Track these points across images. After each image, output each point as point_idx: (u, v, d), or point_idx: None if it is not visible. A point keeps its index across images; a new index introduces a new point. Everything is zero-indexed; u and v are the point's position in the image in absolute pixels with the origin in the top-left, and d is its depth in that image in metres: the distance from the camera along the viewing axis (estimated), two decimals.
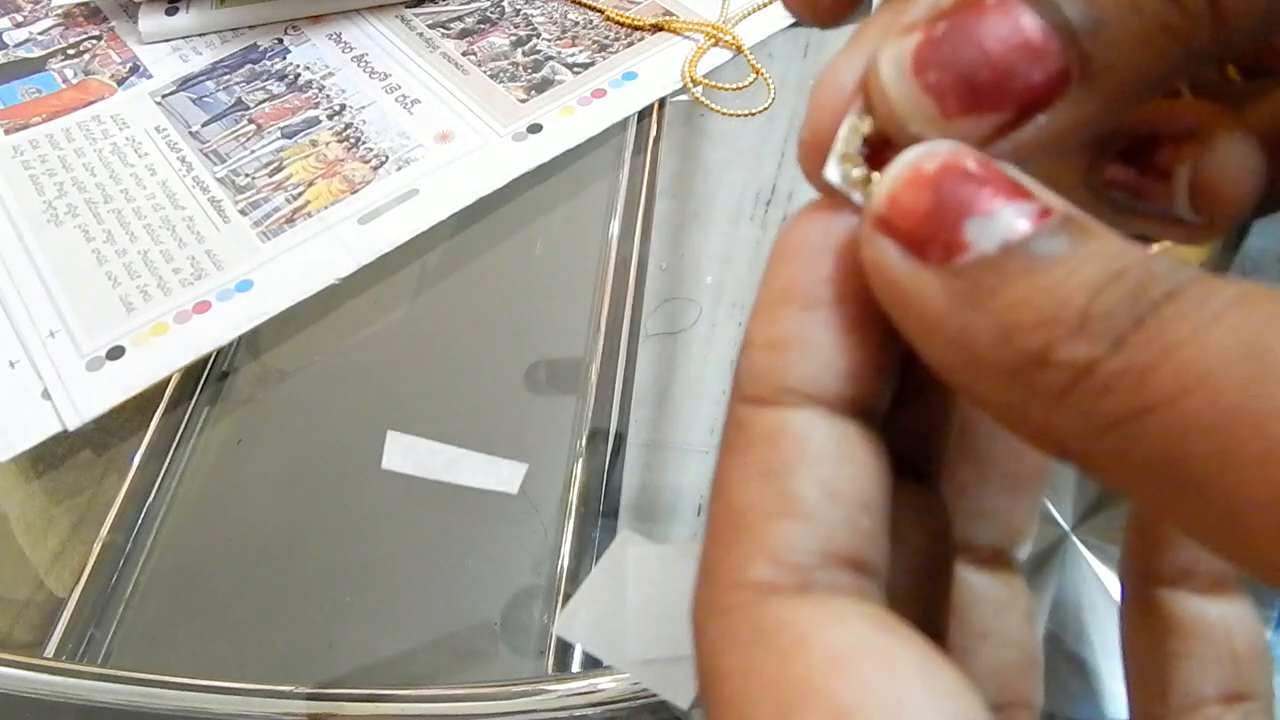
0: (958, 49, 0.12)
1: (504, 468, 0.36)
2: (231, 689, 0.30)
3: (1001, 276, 0.11)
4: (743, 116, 0.47)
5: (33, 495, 0.37)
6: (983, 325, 0.11)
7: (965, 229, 0.11)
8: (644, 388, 0.38)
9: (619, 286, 0.41)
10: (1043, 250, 0.11)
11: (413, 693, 0.31)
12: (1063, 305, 0.11)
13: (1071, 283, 0.11)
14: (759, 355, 0.13)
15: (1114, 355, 0.10)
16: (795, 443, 0.12)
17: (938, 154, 0.12)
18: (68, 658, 0.32)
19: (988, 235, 0.11)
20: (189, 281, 0.41)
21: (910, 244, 0.12)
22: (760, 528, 0.12)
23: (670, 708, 0.28)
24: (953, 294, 0.11)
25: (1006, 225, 0.11)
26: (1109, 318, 0.10)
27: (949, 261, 0.11)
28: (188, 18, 0.54)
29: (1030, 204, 0.11)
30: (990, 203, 0.11)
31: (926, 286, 0.11)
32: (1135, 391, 0.10)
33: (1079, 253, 0.11)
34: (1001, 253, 0.11)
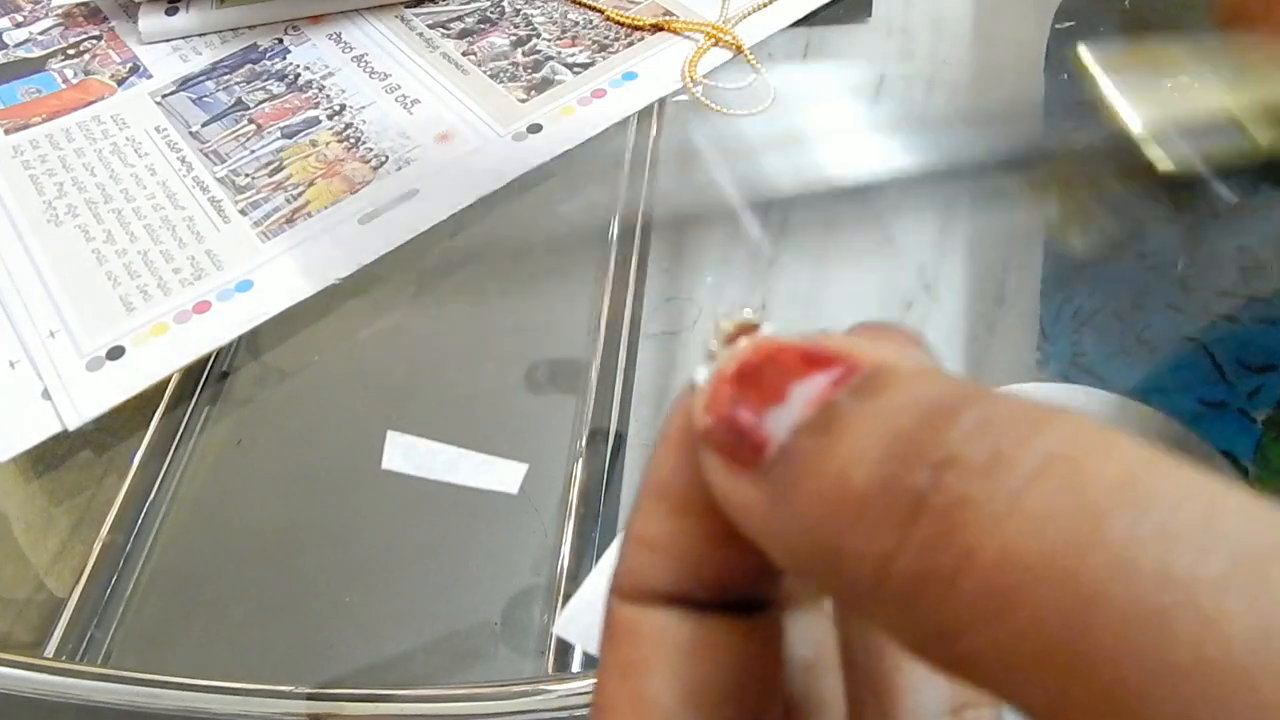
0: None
1: (504, 468, 0.35)
2: (231, 689, 0.30)
3: (797, 466, 0.10)
4: (743, 116, 0.47)
5: (33, 495, 0.37)
6: (793, 523, 0.10)
7: (765, 423, 0.11)
8: (644, 388, 0.38)
9: (619, 286, 0.41)
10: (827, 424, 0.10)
11: (413, 693, 0.31)
12: (843, 484, 0.10)
13: (849, 457, 0.10)
14: (632, 551, 0.13)
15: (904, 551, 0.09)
16: (653, 642, 0.12)
17: (737, 354, 0.12)
18: (68, 658, 0.32)
19: (783, 423, 0.11)
20: (189, 281, 0.41)
21: (724, 453, 0.11)
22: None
23: None
24: (766, 496, 0.11)
25: (797, 407, 0.10)
26: (887, 498, 0.09)
27: (757, 464, 0.11)
28: (188, 18, 0.54)
29: (829, 370, 0.11)
30: (784, 386, 0.11)
31: (745, 494, 0.11)
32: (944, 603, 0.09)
33: (860, 418, 0.10)
34: (793, 439, 0.10)
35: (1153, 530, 0.08)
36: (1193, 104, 0.40)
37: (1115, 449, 0.09)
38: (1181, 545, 0.08)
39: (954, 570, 0.09)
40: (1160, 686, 0.08)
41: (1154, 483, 0.08)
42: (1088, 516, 0.08)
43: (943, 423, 0.09)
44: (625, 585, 0.13)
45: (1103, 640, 0.08)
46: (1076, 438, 0.09)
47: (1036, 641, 0.08)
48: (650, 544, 0.13)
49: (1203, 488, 0.08)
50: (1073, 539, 0.08)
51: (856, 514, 0.10)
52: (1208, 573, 0.08)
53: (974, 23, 0.52)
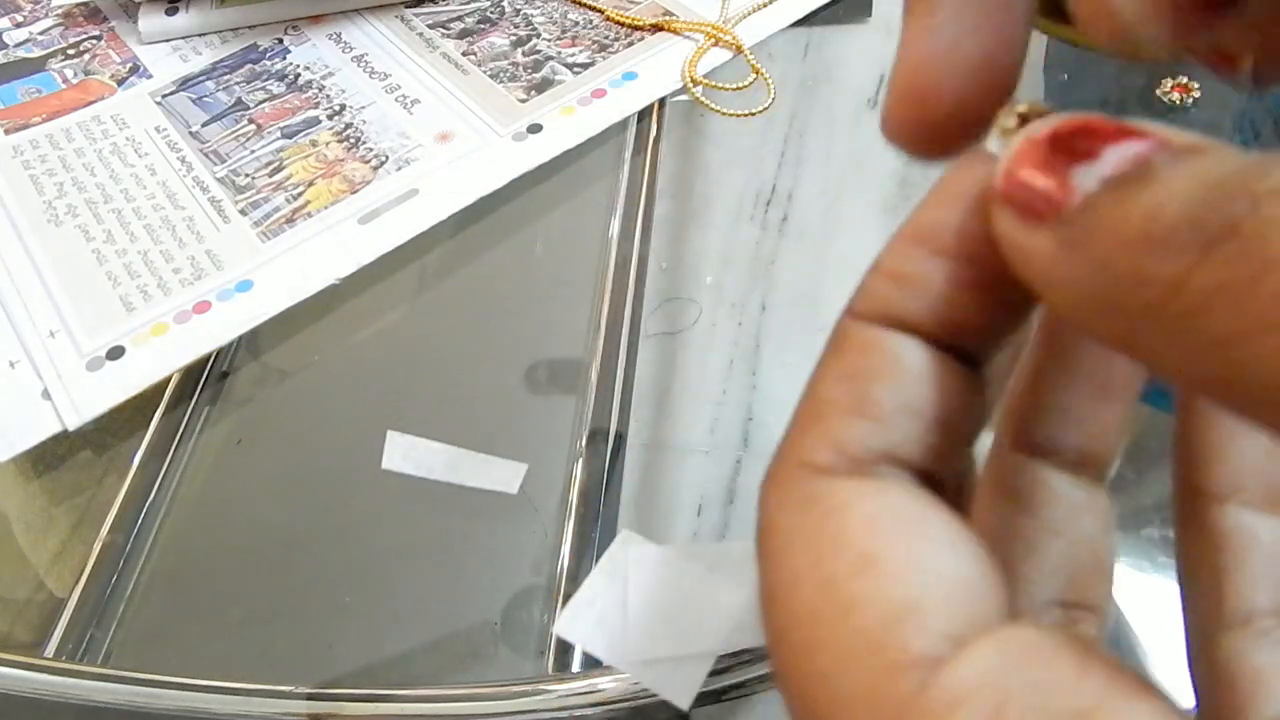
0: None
1: (504, 468, 0.35)
2: (231, 689, 0.30)
3: (1102, 210, 0.11)
4: (743, 116, 0.47)
5: (33, 495, 0.37)
6: (1086, 262, 0.11)
7: (1071, 179, 0.11)
8: (644, 388, 0.38)
9: (619, 286, 0.41)
10: (1140, 175, 0.11)
11: (413, 693, 0.31)
12: (1152, 219, 0.10)
13: (1162, 196, 0.10)
14: (878, 281, 0.14)
15: (1203, 267, 0.10)
16: (886, 357, 0.13)
17: (1049, 121, 0.12)
18: (68, 658, 0.32)
19: (1091, 177, 0.11)
20: (189, 281, 0.41)
21: (1025, 209, 0.12)
22: (833, 420, 0.13)
23: (670, 708, 0.28)
24: (1061, 243, 0.11)
25: (1109, 163, 0.11)
26: (1196, 224, 0.10)
27: (1058, 215, 0.11)
28: (188, 18, 0.54)
29: (1141, 141, 0.11)
30: (1096, 147, 0.11)
31: (1040, 244, 0.12)
32: (1232, 313, 0.09)
33: (1175, 168, 0.11)
34: (1102, 188, 0.11)
35: None
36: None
37: None
38: None
39: (1253, 279, 0.09)
40: None
41: None
42: None
43: (1261, 170, 0.10)
44: (865, 308, 0.14)
45: None
46: None
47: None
48: (902, 277, 0.14)
49: None
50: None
51: (1164, 240, 0.10)
52: None
53: None
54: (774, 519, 0.13)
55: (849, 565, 0.12)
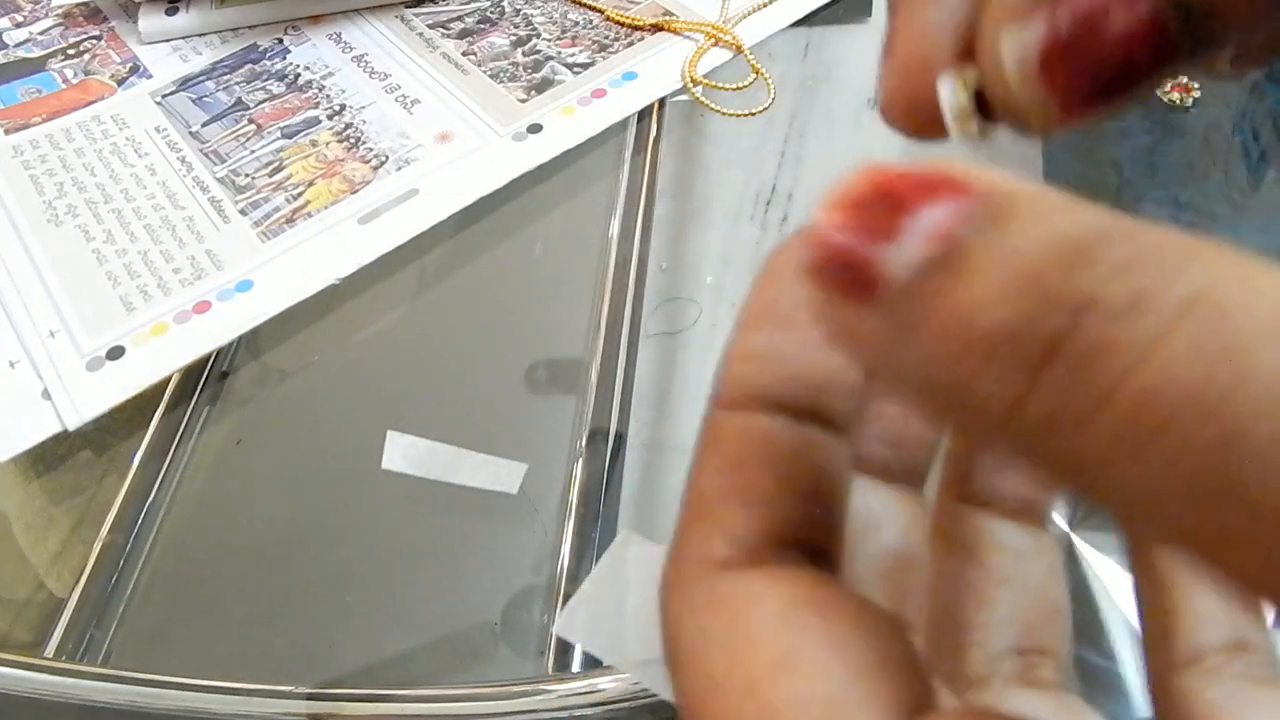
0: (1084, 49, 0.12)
1: (504, 468, 0.35)
2: (231, 689, 0.30)
3: (920, 302, 0.10)
4: (743, 116, 0.47)
5: (33, 495, 0.37)
6: (915, 358, 0.10)
7: (885, 256, 0.10)
8: (644, 388, 0.38)
9: (619, 286, 0.41)
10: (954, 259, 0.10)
11: (413, 693, 0.31)
12: (971, 329, 0.10)
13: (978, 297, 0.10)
14: (736, 365, 0.14)
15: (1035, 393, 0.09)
16: (757, 440, 0.14)
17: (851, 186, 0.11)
18: (68, 658, 0.32)
19: (905, 256, 0.10)
20: (189, 281, 0.41)
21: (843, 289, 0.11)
22: (719, 511, 0.13)
23: (670, 707, 0.28)
24: (885, 328, 0.11)
25: (920, 239, 0.10)
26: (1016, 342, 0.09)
27: (874, 297, 0.11)
28: (188, 18, 0.54)
29: (952, 201, 0.10)
30: (902, 219, 0.10)
31: (863, 325, 0.11)
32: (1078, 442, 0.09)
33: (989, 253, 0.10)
34: (916, 275, 0.10)
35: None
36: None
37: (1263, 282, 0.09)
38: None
39: (1091, 410, 0.09)
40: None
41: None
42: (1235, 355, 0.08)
43: (1078, 263, 0.09)
44: (728, 396, 0.14)
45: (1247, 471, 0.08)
46: (1222, 274, 0.09)
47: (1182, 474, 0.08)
48: (754, 357, 0.14)
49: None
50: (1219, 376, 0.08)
51: (986, 357, 0.09)
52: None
53: None
54: (682, 624, 0.13)
55: (769, 666, 0.12)
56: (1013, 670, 0.16)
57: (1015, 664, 0.17)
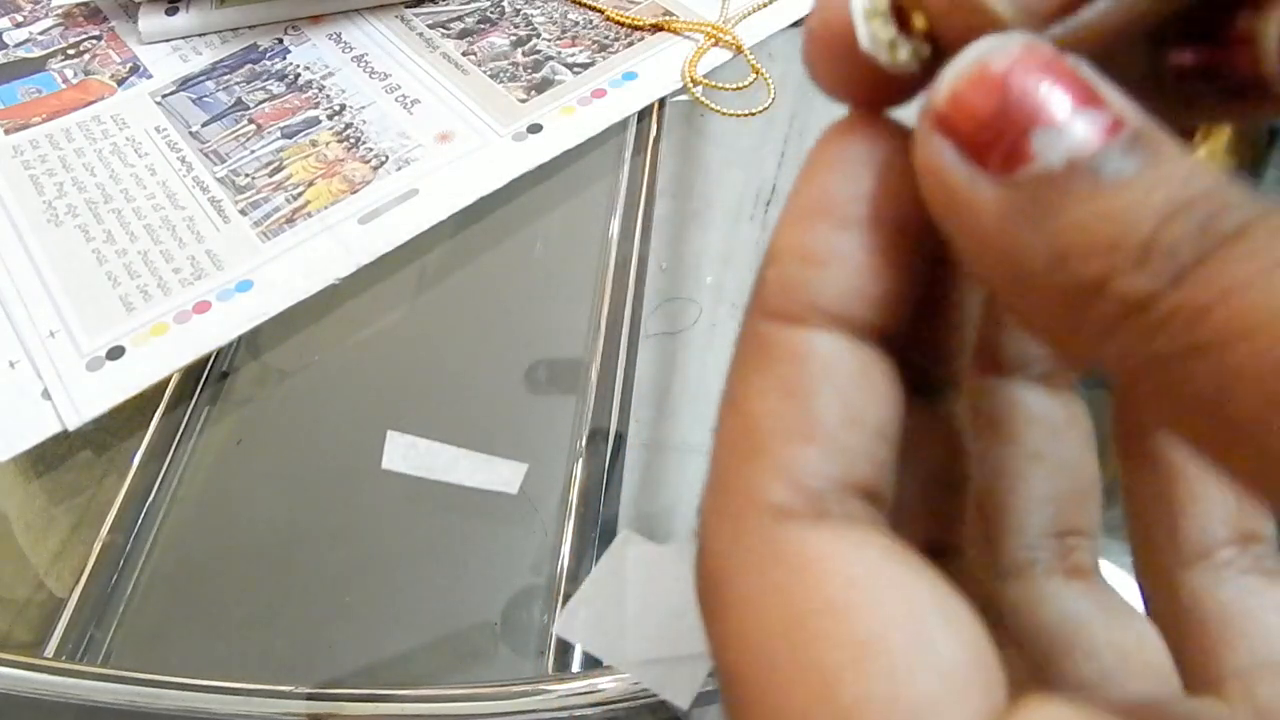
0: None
1: (504, 468, 0.35)
2: (231, 689, 0.30)
3: (1064, 195, 0.10)
4: (743, 116, 0.47)
5: (33, 495, 0.37)
6: (1039, 245, 0.10)
7: (1032, 138, 0.11)
8: (644, 388, 0.38)
9: (619, 286, 0.41)
10: (1110, 170, 0.10)
11: (413, 693, 0.31)
12: (1126, 233, 0.10)
13: (1137, 209, 0.10)
14: (790, 266, 0.12)
15: (1172, 291, 0.10)
16: (820, 365, 0.12)
17: (1008, 51, 0.11)
18: (68, 658, 0.32)
19: (1054, 148, 0.10)
20: (189, 281, 0.41)
21: (970, 148, 0.11)
22: (779, 448, 0.12)
23: (670, 707, 0.28)
24: (1011, 207, 0.11)
25: (1075, 139, 0.10)
26: (1173, 251, 0.10)
27: (1010, 172, 0.11)
28: (188, 18, 0.54)
29: (1102, 113, 0.11)
30: (1060, 111, 0.11)
31: (983, 196, 0.11)
32: (1188, 330, 0.10)
33: (1148, 177, 0.10)
34: (1067, 169, 0.10)
35: None
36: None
37: None
38: None
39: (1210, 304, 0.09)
40: None
41: None
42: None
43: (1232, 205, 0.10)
44: (780, 304, 0.12)
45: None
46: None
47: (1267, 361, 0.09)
48: (813, 258, 0.12)
49: None
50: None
51: (1136, 259, 0.10)
52: None
53: None
54: (732, 581, 0.12)
55: (845, 655, 0.10)
56: (1051, 556, 0.16)
57: (1053, 549, 0.16)
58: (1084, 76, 0.11)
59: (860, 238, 0.12)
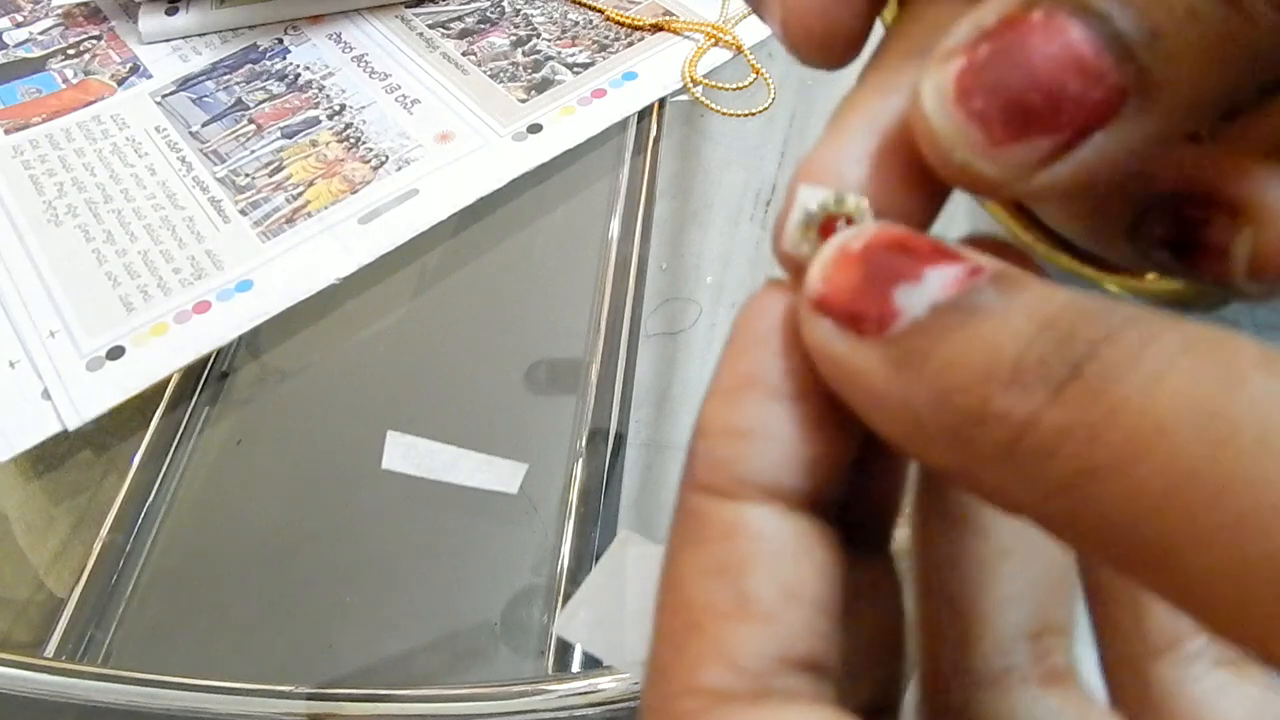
0: (1003, 72, 0.11)
1: (504, 468, 0.36)
2: (231, 689, 0.30)
3: (933, 338, 0.11)
4: (743, 116, 0.47)
5: (33, 495, 0.37)
6: (921, 390, 0.11)
7: (895, 298, 0.11)
8: (644, 388, 0.38)
9: (619, 286, 0.41)
10: (973, 305, 0.11)
11: (413, 693, 0.31)
12: (994, 358, 0.10)
13: (1002, 334, 0.10)
14: (718, 443, 0.12)
15: (1053, 408, 0.10)
16: (753, 540, 0.12)
17: (864, 233, 0.12)
18: (68, 658, 0.32)
19: (917, 300, 0.11)
20: (189, 281, 0.41)
21: (846, 321, 0.11)
22: (715, 630, 0.12)
23: None
24: (890, 363, 0.11)
25: (934, 287, 0.11)
26: (1043, 366, 0.10)
27: (884, 332, 0.11)
28: (188, 18, 0.54)
29: (959, 265, 0.11)
30: (918, 268, 0.11)
31: (865, 360, 0.11)
32: (1083, 453, 0.10)
33: (1009, 305, 0.11)
34: (931, 314, 0.11)
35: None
36: None
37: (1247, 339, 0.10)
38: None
39: (1101, 420, 0.09)
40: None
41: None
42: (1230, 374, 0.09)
43: (1094, 314, 0.10)
44: (711, 479, 0.12)
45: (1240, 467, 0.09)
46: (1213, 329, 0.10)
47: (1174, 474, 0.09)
48: (741, 433, 0.12)
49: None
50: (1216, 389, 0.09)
51: (1007, 380, 0.10)
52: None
53: None
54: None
55: None
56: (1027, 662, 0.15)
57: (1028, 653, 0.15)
58: (936, 241, 0.11)
59: (787, 409, 0.12)
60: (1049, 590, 0.16)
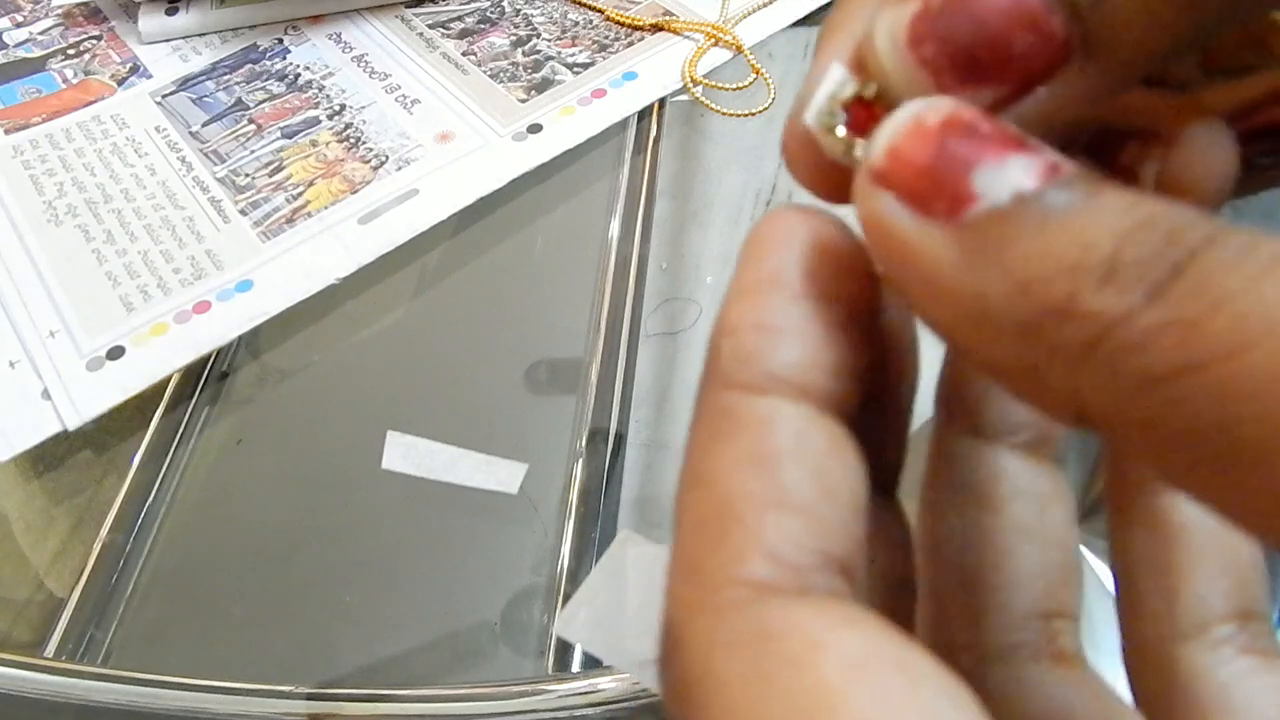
0: (955, 21, 0.11)
1: (504, 468, 0.35)
2: (231, 689, 0.30)
3: (1016, 228, 0.10)
4: (743, 116, 0.47)
5: (33, 495, 0.37)
6: (996, 281, 0.10)
7: (974, 179, 0.10)
8: (644, 388, 0.38)
9: (619, 286, 0.41)
10: (1058, 201, 0.10)
11: (413, 693, 0.31)
12: (1088, 252, 0.10)
13: (1094, 231, 0.10)
14: (747, 338, 0.12)
15: (1151, 306, 0.09)
16: (790, 433, 0.12)
17: (939, 108, 0.11)
18: (68, 658, 0.32)
19: (998, 185, 0.10)
20: (189, 281, 0.41)
21: (913, 198, 0.11)
22: (755, 521, 0.11)
23: None
24: (962, 249, 0.10)
25: (1018, 175, 0.10)
26: (1142, 264, 0.09)
27: (956, 215, 0.10)
28: (188, 18, 0.54)
29: (1040, 157, 0.10)
30: (999, 152, 0.11)
31: (933, 242, 0.11)
32: (1181, 347, 0.09)
33: (1097, 202, 0.10)
34: (1014, 203, 0.10)
35: None
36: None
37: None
38: None
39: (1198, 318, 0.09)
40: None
41: None
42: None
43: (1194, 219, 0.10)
44: (741, 375, 0.12)
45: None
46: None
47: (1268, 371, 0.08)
48: (768, 329, 0.12)
49: None
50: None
51: (1103, 276, 0.09)
52: None
53: None
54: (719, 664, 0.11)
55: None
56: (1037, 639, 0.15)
57: (1038, 631, 0.15)
58: (1016, 130, 0.11)
59: (813, 310, 0.12)
60: (1060, 573, 0.15)
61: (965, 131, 0.11)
